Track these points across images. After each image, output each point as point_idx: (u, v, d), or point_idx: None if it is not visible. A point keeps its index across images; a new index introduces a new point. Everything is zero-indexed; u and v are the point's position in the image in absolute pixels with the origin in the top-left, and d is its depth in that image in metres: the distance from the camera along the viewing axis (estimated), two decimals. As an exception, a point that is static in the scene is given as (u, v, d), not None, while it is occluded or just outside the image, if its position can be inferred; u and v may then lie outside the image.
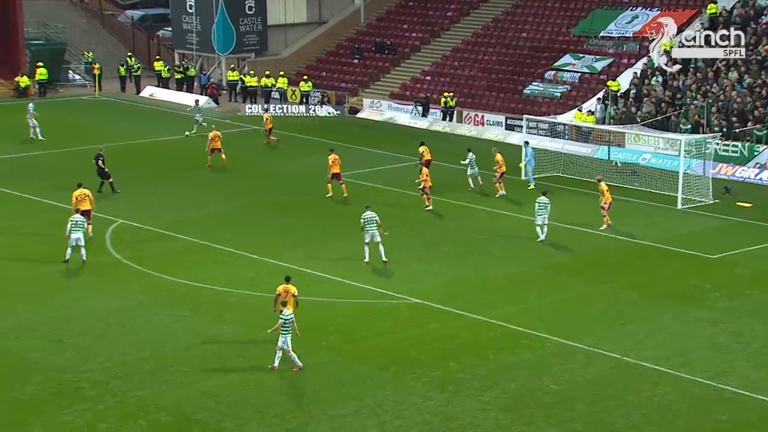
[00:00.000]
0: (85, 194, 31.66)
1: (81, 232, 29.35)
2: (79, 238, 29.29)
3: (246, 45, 60.26)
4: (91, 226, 31.76)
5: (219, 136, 41.80)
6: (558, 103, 50.08)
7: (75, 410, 21.00)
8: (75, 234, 29.24)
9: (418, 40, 59.54)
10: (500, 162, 37.59)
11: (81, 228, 29.39)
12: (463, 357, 23.96)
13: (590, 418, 21.17)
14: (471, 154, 38.45)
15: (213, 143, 41.52)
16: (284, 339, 22.84)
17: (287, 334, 22.85)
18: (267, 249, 31.25)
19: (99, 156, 37.27)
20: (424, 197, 35.81)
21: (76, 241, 29.27)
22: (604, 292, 28.45)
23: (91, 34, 66.04)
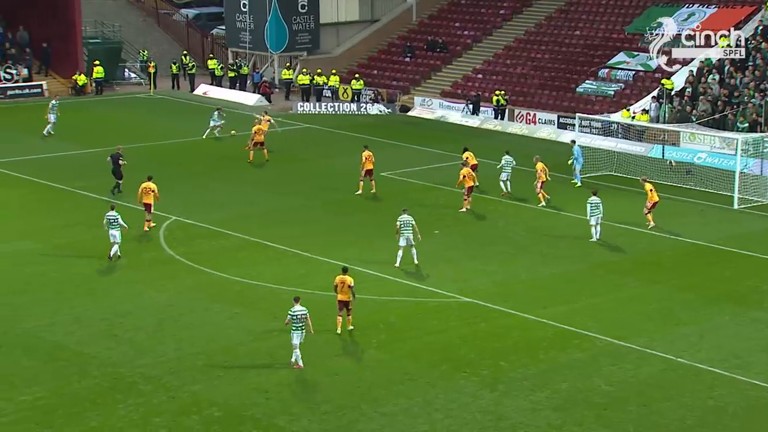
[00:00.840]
0: (150, 188, 32.52)
1: (117, 228, 29.63)
2: (114, 234, 29.61)
3: (298, 43, 60.56)
4: (151, 222, 32.56)
5: (262, 130, 41.94)
6: (612, 102, 49.60)
7: (130, 404, 21.30)
8: (111, 230, 29.63)
9: (471, 39, 59.36)
10: (540, 171, 36.40)
11: (116, 225, 29.65)
12: (514, 356, 23.85)
13: (643, 419, 20.96)
14: (507, 157, 37.58)
15: (256, 137, 41.71)
16: (297, 335, 22.81)
17: (298, 331, 22.80)
18: (318, 246, 31.39)
19: (118, 156, 37.11)
20: (465, 200, 35.32)
21: (113, 237, 29.61)
22: (657, 293, 28.14)
23: (146, 32, 66.89)
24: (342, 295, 24.85)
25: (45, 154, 42.95)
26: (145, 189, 32.55)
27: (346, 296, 24.79)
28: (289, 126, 50.54)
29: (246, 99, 56.52)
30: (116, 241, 29.70)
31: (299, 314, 22.96)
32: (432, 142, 46.54)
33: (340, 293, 24.86)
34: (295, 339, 22.95)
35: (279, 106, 55.38)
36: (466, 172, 35.21)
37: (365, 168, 37.02)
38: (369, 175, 37.11)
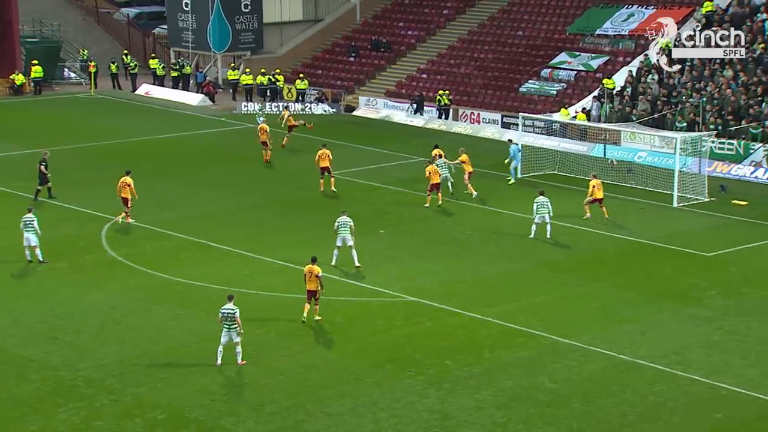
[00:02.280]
0: (126, 182, 32.78)
1: (32, 232, 28.92)
2: (29, 238, 28.94)
3: (242, 43, 60.20)
4: (129, 216, 32.80)
5: (265, 130, 41.73)
6: (554, 101, 50.09)
7: (71, 408, 20.99)
8: (26, 233, 29.00)
9: (414, 38, 59.54)
10: (465, 162, 37.07)
11: (31, 228, 28.92)
12: (459, 355, 23.97)
13: (586, 416, 21.20)
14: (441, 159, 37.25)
15: (261, 136, 41.61)
16: (226, 333, 22.80)
17: (230, 330, 22.77)
18: (263, 247, 31.24)
19: (43, 160, 36.06)
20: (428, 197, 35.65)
21: (28, 241, 28.95)
22: (600, 291, 28.48)
23: (86, 31, 65.96)
24: (310, 285, 25.24)
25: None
26: (122, 183, 32.80)
27: (314, 285, 25.19)
28: (234, 126, 50.22)
29: (189, 99, 56.05)
30: (33, 244, 28.99)
31: (227, 312, 22.92)
32: (377, 141, 46.59)
33: (309, 282, 25.24)
34: (224, 337, 22.89)
35: (222, 106, 55.02)
36: (432, 169, 35.61)
37: (320, 165, 37.31)
38: (327, 172, 37.41)
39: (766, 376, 22.94)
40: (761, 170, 40.85)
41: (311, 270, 25.29)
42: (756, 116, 42.45)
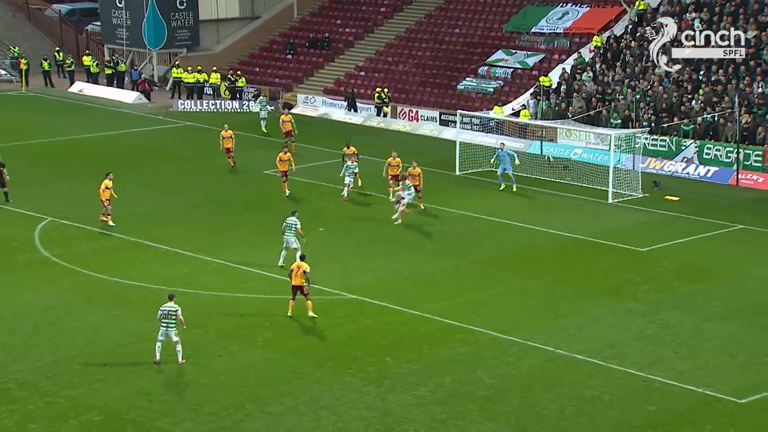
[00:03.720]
0: (106, 186, 32.43)
1: None
2: None
3: (177, 40, 59.59)
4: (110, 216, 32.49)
5: (231, 137, 40.20)
6: (491, 99, 50.44)
7: (3, 411, 20.61)
8: None
9: (352, 36, 59.51)
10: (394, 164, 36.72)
11: None
12: (399, 352, 24.04)
13: (524, 410, 21.41)
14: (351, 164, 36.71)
15: (225, 143, 40.02)
16: (164, 331, 22.77)
17: (168, 328, 22.74)
18: (202, 246, 30.98)
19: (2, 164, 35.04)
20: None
21: None
22: (537, 286, 28.78)
23: (16, 28, 64.69)
24: (296, 280, 25.31)
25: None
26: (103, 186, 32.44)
27: (300, 281, 25.24)
28: (170, 124, 49.70)
29: (124, 97, 55.33)
30: None
31: (167, 310, 22.89)
32: (315, 139, 46.47)
33: (294, 278, 25.29)
34: (161, 336, 22.87)
35: (159, 104, 54.41)
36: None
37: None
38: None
39: (697, 369, 23.40)
40: (692, 166, 41.62)
41: (299, 266, 25.32)
42: (687, 113, 43.25)
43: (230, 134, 40.63)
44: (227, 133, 40.61)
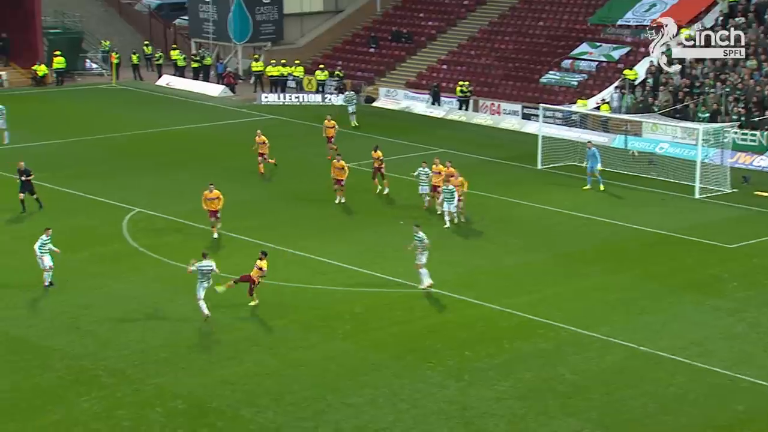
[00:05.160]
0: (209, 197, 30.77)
1: (47, 253, 26.69)
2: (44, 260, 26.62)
3: (262, 34, 60.29)
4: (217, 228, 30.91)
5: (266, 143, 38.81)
6: (575, 92, 49.86)
7: (93, 397, 21.14)
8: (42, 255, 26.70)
9: (435, 29, 59.40)
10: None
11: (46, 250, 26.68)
12: (479, 346, 23.96)
13: (606, 407, 21.15)
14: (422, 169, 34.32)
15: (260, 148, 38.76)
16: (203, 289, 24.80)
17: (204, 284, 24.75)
18: (283, 238, 31.31)
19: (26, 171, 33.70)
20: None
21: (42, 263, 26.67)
22: (620, 282, 28.38)
23: (108, 22, 66.23)
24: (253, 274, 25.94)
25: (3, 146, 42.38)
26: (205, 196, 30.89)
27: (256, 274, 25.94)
28: (253, 117, 50.32)
29: (210, 90, 56.22)
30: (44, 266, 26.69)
31: (206, 269, 24.72)
32: (397, 132, 46.55)
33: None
34: (201, 292, 24.67)
35: (243, 97, 55.15)
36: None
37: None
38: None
39: (788, 369, 22.84)
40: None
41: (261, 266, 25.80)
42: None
43: (333, 124, 41.31)
44: (330, 123, 41.33)
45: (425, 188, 34.18)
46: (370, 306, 26.40)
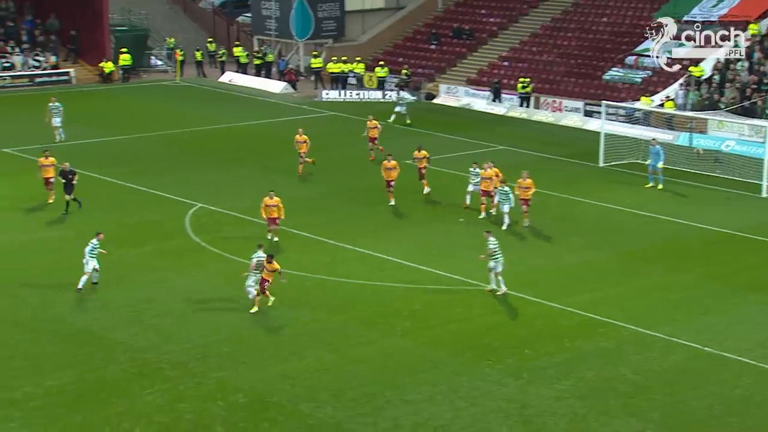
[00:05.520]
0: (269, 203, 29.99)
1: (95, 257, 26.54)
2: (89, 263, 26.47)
3: (324, 31, 60.57)
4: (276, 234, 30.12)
5: (377, 127, 39.65)
6: (638, 89, 49.24)
7: (157, 390, 21.45)
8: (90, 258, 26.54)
9: (496, 26, 59.10)
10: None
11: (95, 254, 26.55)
12: (539, 344, 23.81)
13: (669, 408, 20.87)
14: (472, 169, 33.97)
15: (370, 132, 39.85)
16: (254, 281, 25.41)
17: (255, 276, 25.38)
18: (343, 234, 31.43)
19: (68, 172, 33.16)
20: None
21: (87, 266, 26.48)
22: (683, 281, 27.98)
23: (172, 20, 67.12)
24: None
25: (71, 141, 43.21)
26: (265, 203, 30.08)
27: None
28: (314, 113, 50.58)
29: (272, 86, 56.66)
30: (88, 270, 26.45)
31: (259, 260, 25.26)
32: (458, 129, 46.43)
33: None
34: (252, 284, 25.29)
35: (304, 94, 55.48)
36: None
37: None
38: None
39: None
40: None
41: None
42: None
43: (375, 124, 40.85)
44: (372, 123, 40.90)
45: (472, 188, 33.77)
46: (429, 303, 26.39)
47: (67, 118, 43.25)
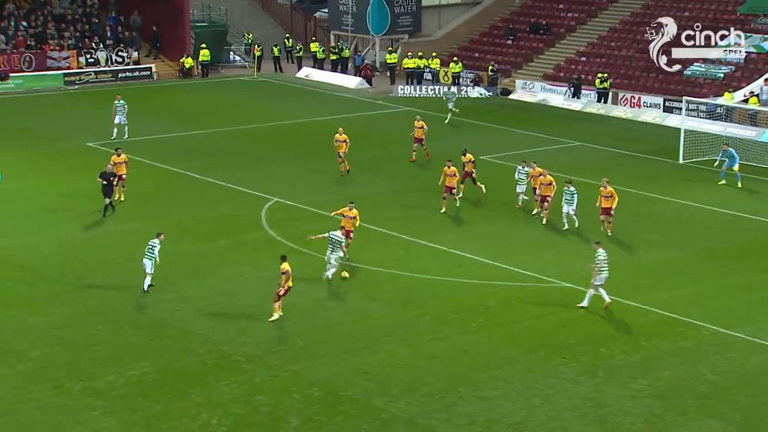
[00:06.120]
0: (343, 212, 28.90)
1: (151, 258, 26.14)
2: (146, 264, 26.14)
3: (400, 26, 60.59)
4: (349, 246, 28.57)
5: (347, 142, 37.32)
6: (721, 85, 48.23)
7: (233, 382, 21.71)
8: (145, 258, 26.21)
9: (574, 20, 58.43)
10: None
11: (151, 255, 26.13)
12: (614, 343, 23.50)
13: (751, 410, 20.42)
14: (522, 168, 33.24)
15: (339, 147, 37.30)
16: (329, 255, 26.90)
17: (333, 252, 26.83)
18: (417, 230, 31.41)
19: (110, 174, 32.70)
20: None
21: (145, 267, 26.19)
22: (765, 281, 27.32)
23: (251, 15, 67.87)
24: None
25: (151, 135, 43.98)
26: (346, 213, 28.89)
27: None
28: (389, 109, 50.63)
29: (347, 82, 56.87)
30: (148, 272, 26.21)
31: (336, 238, 26.73)
32: (534, 125, 46.04)
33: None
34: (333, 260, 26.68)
35: (380, 89, 55.58)
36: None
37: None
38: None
39: None
40: None
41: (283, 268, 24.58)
42: None
43: (422, 125, 39.36)
44: (419, 123, 39.48)
45: (522, 187, 33.19)
46: (503, 299, 26.24)
47: (147, 113, 44.07)
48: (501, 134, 43.83)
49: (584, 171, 36.89)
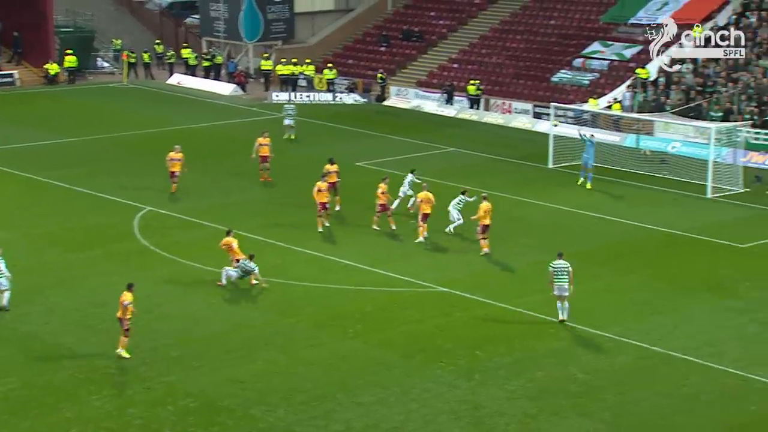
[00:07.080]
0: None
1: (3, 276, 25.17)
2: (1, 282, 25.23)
3: (273, 32, 60.29)
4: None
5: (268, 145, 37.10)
6: (586, 91, 49.72)
7: (105, 395, 21.16)
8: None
9: (446, 28, 59.31)
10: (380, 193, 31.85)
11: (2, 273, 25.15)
12: (490, 346, 23.90)
13: (619, 408, 21.06)
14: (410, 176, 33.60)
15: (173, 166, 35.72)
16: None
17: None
18: (293, 237, 31.28)
19: None
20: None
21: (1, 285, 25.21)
22: (632, 282, 28.27)
23: (119, 21, 66.30)
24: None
25: (17, 144, 42.51)
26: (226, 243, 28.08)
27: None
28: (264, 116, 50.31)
29: (221, 89, 56.23)
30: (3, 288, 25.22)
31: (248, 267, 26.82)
32: (408, 131, 46.48)
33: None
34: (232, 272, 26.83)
35: (254, 96, 55.16)
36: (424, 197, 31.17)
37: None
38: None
39: (801, 369, 22.69)
40: (797, 161, 40.36)
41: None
42: (793, 106, 41.96)
43: (268, 142, 37.59)
44: (265, 140, 37.58)
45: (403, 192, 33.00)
46: (380, 305, 26.36)
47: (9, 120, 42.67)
48: (376, 140, 44.05)
49: (458, 177, 37.43)
